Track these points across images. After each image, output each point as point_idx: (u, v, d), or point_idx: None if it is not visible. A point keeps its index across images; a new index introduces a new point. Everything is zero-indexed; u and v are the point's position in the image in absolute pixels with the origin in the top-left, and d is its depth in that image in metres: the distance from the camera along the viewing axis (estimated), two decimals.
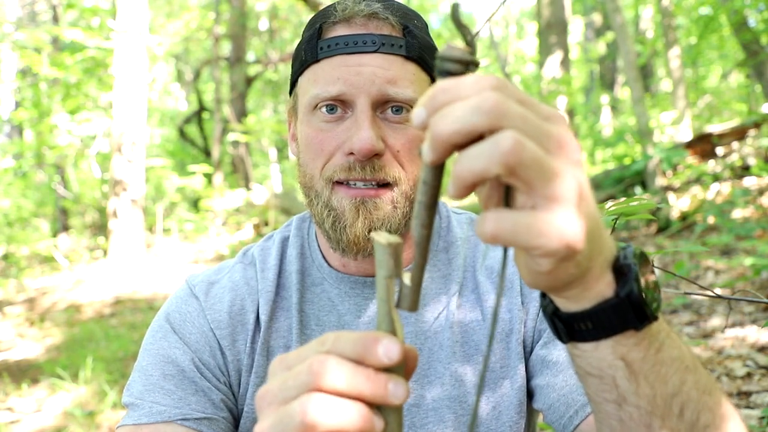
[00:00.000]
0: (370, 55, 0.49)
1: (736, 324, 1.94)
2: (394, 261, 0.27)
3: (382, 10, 0.50)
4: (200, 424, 0.50)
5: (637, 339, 0.30)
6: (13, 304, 3.93)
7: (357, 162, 0.48)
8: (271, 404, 0.27)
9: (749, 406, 1.41)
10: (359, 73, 0.49)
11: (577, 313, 0.30)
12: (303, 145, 0.52)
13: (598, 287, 0.29)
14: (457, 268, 0.56)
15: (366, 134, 0.47)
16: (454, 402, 0.53)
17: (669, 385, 0.31)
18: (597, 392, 0.32)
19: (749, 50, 4.23)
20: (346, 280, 0.55)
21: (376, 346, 0.26)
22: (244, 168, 7.60)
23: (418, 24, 0.53)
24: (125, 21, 4.70)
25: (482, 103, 0.24)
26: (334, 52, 0.50)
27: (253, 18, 8.56)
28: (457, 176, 0.24)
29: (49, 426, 1.96)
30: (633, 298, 0.29)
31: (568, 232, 0.24)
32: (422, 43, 0.51)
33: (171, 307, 0.55)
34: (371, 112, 0.49)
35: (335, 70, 0.49)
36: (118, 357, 2.65)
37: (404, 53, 0.50)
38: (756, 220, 2.95)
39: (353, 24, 0.50)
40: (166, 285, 4.06)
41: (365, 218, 0.49)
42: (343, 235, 0.50)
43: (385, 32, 0.50)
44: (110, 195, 4.77)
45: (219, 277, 0.56)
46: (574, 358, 0.32)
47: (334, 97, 0.49)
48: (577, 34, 10.17)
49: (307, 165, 0.51)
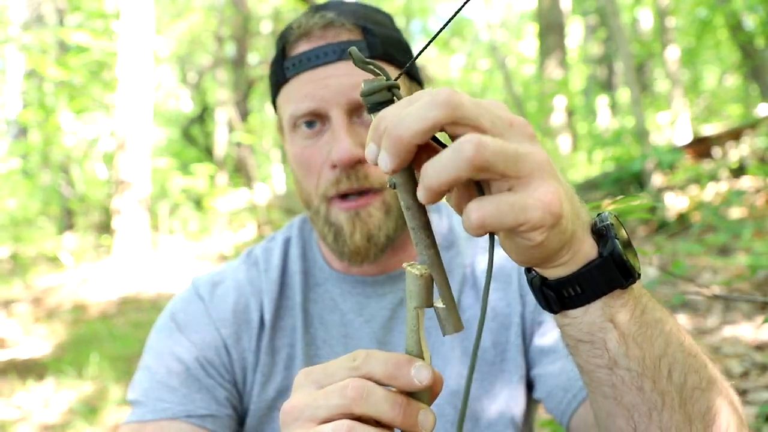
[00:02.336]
0: (333, 65, 0.49)
1: (733, 323, 1.96)
2: (425, 292, 0.27)
3: (337, 17, 0.50)
4: (204, 421, 0.50)
5: (624, 300, 0.31)
6: (19, 302, 3.97)
7: (342, 173, 0.49)
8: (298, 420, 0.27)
9: (747, 403, 1.43)
10: (326, 86, 0.49)
11: (565, 277, 0.30)
12: (293, 163, 0.53)
13: (583, 249, 0.30)
14: (458, 265, 0.56)
15: (343, 144, 0.48)
16: (454, 397, 0.53)
17: (656, 347, 0.31)
18: (589, 359, 0.32)
19: (746, 52, 4.25)
20: (347, 279, 0.56)
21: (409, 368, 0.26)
22: (247, 168, 7.64)
23: (378, 19, 0.53)
24: (130, 23, 4.75)
25: (436, 97, 0.24)
26: (299, 69, 0.50)
27: (256, 20, 8.61)
28: (427, 187, 0.24)
29: (54, 422, 1.99)
30: (616, 256, 0.30)
31: (548, 200, 0.25)
32: (386, 40, 0.51)
33: (176, 307, 0.56)
34: (346, 120, 0.49)
35: (303, 87, 0.50)
36: (122, 355, 2.68)
37: (367, 55, 0.50)
38: (753, 219, 2.97)
39: (312, 37, 0.50)
40: (170, 284, 4.09)
41: (361, 229, 0.50)
42: (345, 248, 0.51)
43: (344, 38, 0.50)
44: (115, 194, 4.81)
45: (223, 278, 0.57)
46: (564, 328, 0.33)
47: (306, 113, 0.50)
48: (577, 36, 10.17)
49: (302, 182, 0.53)
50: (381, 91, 0.27)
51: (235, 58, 7.95)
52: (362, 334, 0.55)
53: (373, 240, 0.50)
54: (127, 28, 4.75)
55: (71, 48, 5.87)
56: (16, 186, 5.87)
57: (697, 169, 3.83)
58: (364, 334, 0.55)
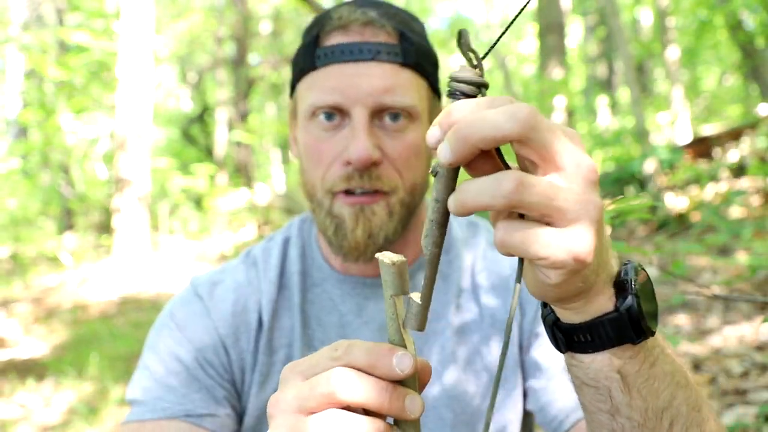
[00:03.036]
0: (366, 63, 0.49)
1: (733, 323, 1.96)
2: (399, 280, 0.27)
3: (378, 17, 0.50)
4: (203, 420, 0.50)
5: (633, 352, 0.31)
6: (19, 302, 3.97)
7: (355, 171, 0.49)
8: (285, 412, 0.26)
9: (746, 403, 1.43)
10: (356, 84, 0.49)
11: (577, 324, 0.30)
12: (303, 152, 0.53)
13: (599, 301, 0.30)
14: (456, 269, 0.56)
15: (362, 144, 0.48)
16: (453, 401, 0.53)
17: (660, 399, 0.32)
18: (592, 402, 0.33)
19: (745, 52, 4.24)
20: (347, 280, 0.55)
21: (390, 357, 0.26)
22: (247, 168, 7.63)
23: (415, 28, 0.53)
24: (130, 23, 4.75)
25: (517, 111, 0.24)
26: (331, 60, 0.50)
27: (256, 20, 8.61)
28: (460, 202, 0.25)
29: (54, 422, 1.99)
30: (632, 313, 0.29)
31: (577, 247, 0.25)
32: (419, 49, 0.51)
33: (175, 306, 0.56)
34: (368, 121, 0.49)
35: (332, 79, 0.50)
36: (122, 355, 2.68)
37: (400, 60, 0.50)
38: (752, 219, 2.96)
39: (350, 32, 0.50)
40: (170, 284, 4.09)
41: (364, 224, 0.50)
42: (344, 242, 0.51)
43: (381, 40, 0.50)
44: (115, 194, 4.80)
45: (222, 278, 0.57)
46: (570, 368, 0.33)
47: (330, 105, 0.50)
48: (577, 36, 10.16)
49: (309, 172, 0.52)
50: (471, 84, 0.27)
51: (235, 58, 7.95)
52: (361, 336, 0.55)
53: (373, 238, 0.50)
54: (127, 27, 4.75)
55: (71, 48, 5.87)
56: (16, 186, 5.87)
57: (697, 169, 3.83)
58: (363, 336, 0.55)
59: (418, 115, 0.52)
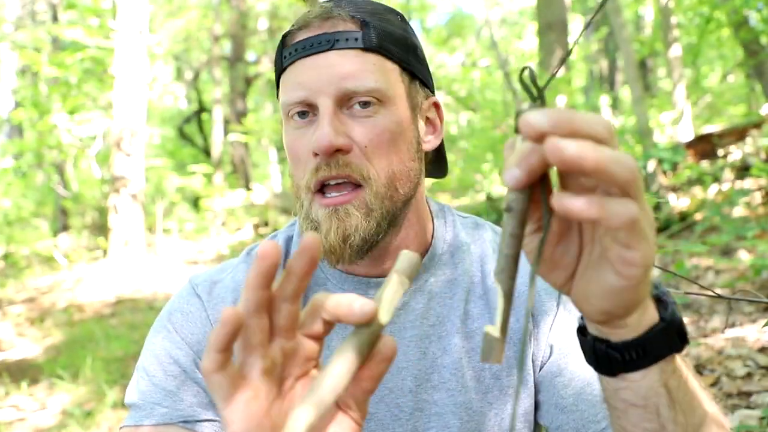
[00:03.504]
0: (324, 53, 0.49)
1: (736, 324, 1.94)
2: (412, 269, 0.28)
3: (336, 8, 0.50)
4: (201, 426, 0.50)
5: (674, 366, 0.32)
6: (13, 303, 3.93)
7: (322, 161, 0.48)
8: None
9: (749, 406, 1.41)
10: (316, 75, 0.49)
11: (630, 341, 0.31)
12: (287, 154, 0.52)
13: (649, 312, 0.31)
14: (463, 272, 0.55)
15: (323, 131, 0.47)
16: (459, 408, 0.52)
17: (696, 416, 0.33)
18: (638, 423, 0.32)
19: (749, 50, 4.23)
20: (350, 280, 0.54)
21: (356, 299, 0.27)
22: (244, 168, 7.60)
23: (384, 16, 0.52)
24: (125, 20, 4.70)
25: (631, 163, 0.25)
26: (294, 57, 0.50)
27: (253, 18, 8.56)
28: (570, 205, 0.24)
29: (49, 425, 1.96)
30: (677, 322, 0.31)
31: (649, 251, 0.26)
32: (382, 33, 0.50)
33: (173, 306, 0.55)
34: (333, 109, 0.48)
35: (296, 75, 0.50)
36: (117, 357, 2.65)
37: (361, 45, 0.49)
38: (756, 219, 2.95)
39: (311, 28, 0.50)
40: (166, 285, 4.06)
41: (338, 227, 0.48)
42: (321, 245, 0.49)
43: (340, 29, 0.50)
44: (110, 192, 4.77)
45: (222, 276, 0.56)
46: (618, 391, 0.33)
47: (298, 102, 0.49)
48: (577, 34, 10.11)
49: (293, 175, 0.52)
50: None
51: (231, 55, 7.91)
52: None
53: (348, 240, 0.48)
54: (122, 25, 4.71)
55: (66, 45, 5.81)
56: (10, 186, 5.82)
57: (700, 169, 3.81)
58: None
59: (389, 99, 0.50)
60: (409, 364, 0.52)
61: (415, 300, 0.54)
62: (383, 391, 0.52)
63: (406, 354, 0.52)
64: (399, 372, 0.52)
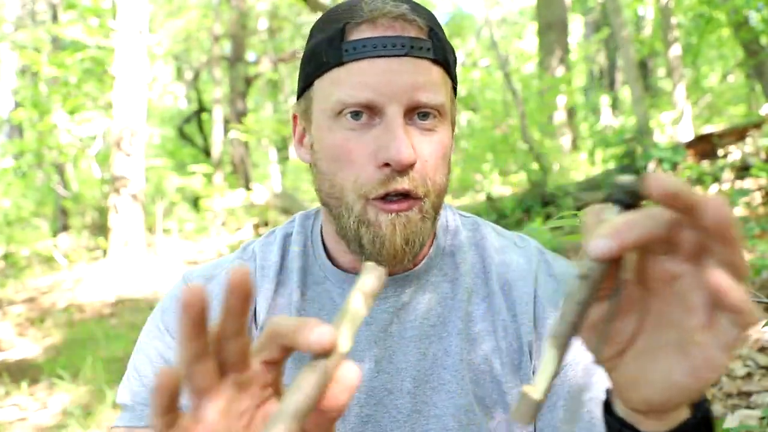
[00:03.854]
0: (400, 59, 0.46)
1: None
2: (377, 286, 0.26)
3: (410, 11, 0.47)
4: None
5: None
6: (13, 303, 3.93)
7: (394, 173, 0.46)
8: None
9: (749, 406, 1.41)
10: (390, 80, 0.46)
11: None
12: (327, 153, 0.49)
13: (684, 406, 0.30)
14: (465, 273, 0.54)
15: (404, 145, 0.45)
16: (459, 411, 0.51)
17: None
18: None
19: (749, 50, 4.23)
20: (350, 279, 0.53)
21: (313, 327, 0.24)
22: (244, 168, 7.60)
23: (438, 26, 0.51)
24: (125, 20, 4.70)
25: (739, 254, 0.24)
26: (361, 55, 0.46)
27: (253, 18, 8.55)
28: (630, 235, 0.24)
29: (49, 425, 1.96)
30: (708, 417, 0.30)
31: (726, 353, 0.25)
32: (446, 46, 0.50)
33: (165, 305, 0.54)
34: (403, 119, 0.46)
35: (363, 75, 0.46)
36: (117, 357, 2.65)
37: (431, 56, 0.48)
38: (756, 219, 2.95)
39: (379, 25, 0.47)
40: (166, 285, 4.05)
41: (402, 231, 0.47)
42: (382, 249, 0.48)
43: (413, 34, 0.47)
44: (110, 191, 4.77)
45: (216, 273, 0.54)
46: None
47: (362, 103, 0.46)
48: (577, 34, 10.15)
49: (335, 175, 0.49)
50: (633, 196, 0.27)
51: (231, 55, 7.91)
52: (361, 337, 0.52)
53: (410, 245, 0.48)
54: (122, 24, 4.71)
55: (65, 45, 5.81)
56: (10, 186, 5.82)
57: (700, 169, 3.81)
58: (363, 337, 0.52)
59: (446, 115, 0.50)
60: (409, 365, 0.51)
61: (415, 299, 0.53)
62: (381, 392, 0.51)
63: (406, 354, 0.51)
64: (398, 373, 0.51)
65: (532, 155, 4.60)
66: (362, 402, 0.51)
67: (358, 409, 0.51)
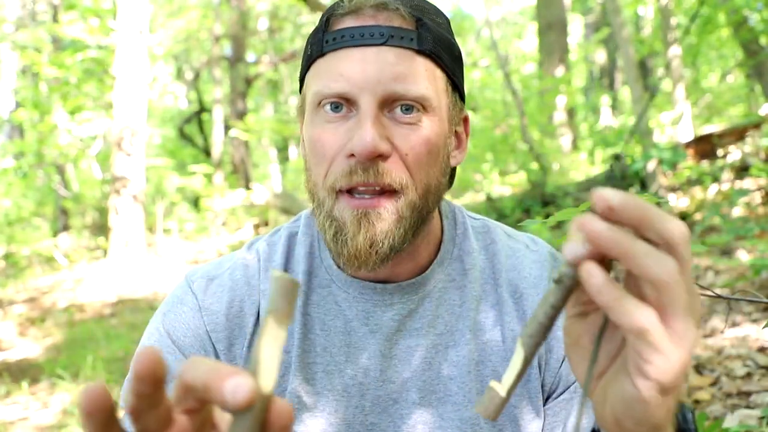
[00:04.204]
0: (377, 47, 0.44)
1: (736, 324, 1.94)
2: (287, 301, 0.22)
3: (394, 1, 0.46)
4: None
5: None
6: (13, 303, 3.93)
7: (358, 164, 0.44)
8: None
9: (749, 406, 1.41)
10: (364, 70, 0.44)
11: None
12: (308, 147, 0.48)
13: None
14: (473, 279, 0.52)
15: (367, 134, 0.43)
16: (465, 423, 0.49)
17: None
18: None
19: (749, 50, 4.23)
20: (355, 284, 0.51)
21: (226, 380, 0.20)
22: (244, 168, 7.60)
23: (436, 19, 0.48)
24: (125, 20, 4.71)
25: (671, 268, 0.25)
26: (339, 45, 0.45)
27: (253, 18, 8.55)
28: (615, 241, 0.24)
29: (49, 424, 1.96)
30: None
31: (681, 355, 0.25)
32: (437, 37, 0.47)
33: (167, 307, 0.53)
34: (376, 110, 0.44)
35: (339, 64, 0.45)
36: (118, 357, 2.65)
37: (415, 46, 0.45)
38: (755, 219, 2.95)
39: (361, 15, 0.45)
40: (166, 285, 4.06)
41: (366, 231, 0.45)
42: (344, 249, 0.46)
43: (395, 24, 0.45)
44: (111, 192, 4.77)
45: (219, 273, 0.53)
46: None
47: (336, 94, 0.45)
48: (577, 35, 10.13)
49: (311, 170, 0.48)
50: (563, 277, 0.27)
51: (231, 55, 7.91)
52: (366, 344, 0.51)
53: (375, 247, 0.45)
54: (123, 25, 4.71)
55: (66, 45, 5.81)
56: (11, 186, 5.83)
57: (699, 169, 3.81)
58: (368, 344, 0.51)
59: (433, 109, 0.47)
60: (414, 374, 0.50)
61: (422, 307, 0.51)
62: (387, 401, 0.50)
63: (411, 364, 0.50)
64: (404, 383, 0.50)
65: (532, 155, 4.60)
66: (367, 410, 0.50)
67: (363, 417, 0.50)
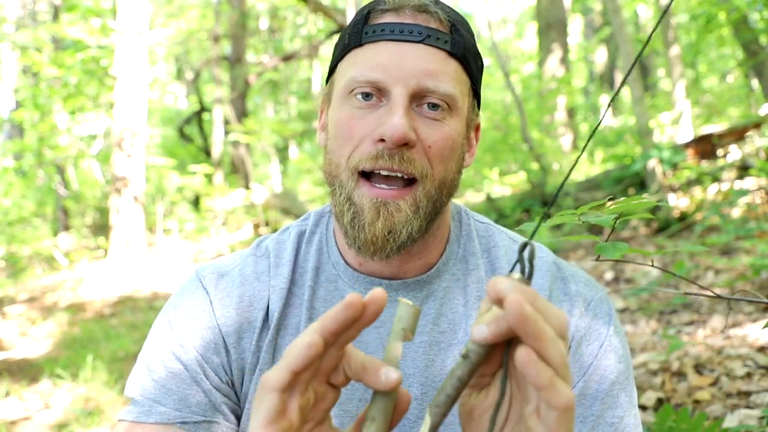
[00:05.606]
0: (414, 45, 0.48)
1: (736, 324, 1.94)
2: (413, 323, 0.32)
3: (433, 5, 0.50)
4: (199, 428, 0.49)
5: None
6: (14, 303, 3.93)
7: (386, 150, 0.47)
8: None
9: (749, 406, 1.41)
10: (400, 63, 0.47)
11: None
12: (333, 130, 0.50)
13: None
14: (477, 280, 0.54)
15: (399, 120, 0.46)
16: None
17: None
18: None
19: (749, 50, 4.23)
20: (361, 279, 0.53)
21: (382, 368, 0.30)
22: (244, 168, 7.60)
23: (465, 26, 0.52)
24: (126, 20, 4.71)
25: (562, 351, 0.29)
26: (379, 37, 0.49)
27: (253, 18, 8.55)
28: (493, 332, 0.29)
29: (50, 423, 1.96)
30: None
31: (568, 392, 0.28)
32: (468, 45, 0.51)
33: (178, 300, 0.54)
34: (407, 101, 0.47)
35: (377, 55, 0.48)
36: (118, 357, 2.65)
37: (449, 48, 0.49)
38: (756, 219, 2.95)
39: (402, 14, 0.50)
40: (166, 284, 4.06)
41: (385, 219, 0.47)
42: (360, 233, 0.48)
43: (432, 25, 0.49)
44: (111, 192, 4.78)
45: (230, 269, 0.55)
46: None
47: (371, 82, 0.48)
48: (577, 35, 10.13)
49: (334, 152, 0.50)
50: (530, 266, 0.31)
51: (231, 55, 7.91)
52: (370, 339, 0.52)
53: (393, 235, 0.47)
54: (123, 25, 4.71)
55: (67, 45, 5.82)
56: (11, 186, 5.83)
57: (699, 169, 3.81)
58: (372, 339, 0.52)
59: (457, 110, 0.50)
60: (417, 371, 0.51)
61: (426, 305, 0.53)
62: None
63: (414, 360, 0.51)
64: (406, 378, 0.51)
65: (532, 155, 4.61)
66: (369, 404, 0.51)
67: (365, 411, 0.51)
